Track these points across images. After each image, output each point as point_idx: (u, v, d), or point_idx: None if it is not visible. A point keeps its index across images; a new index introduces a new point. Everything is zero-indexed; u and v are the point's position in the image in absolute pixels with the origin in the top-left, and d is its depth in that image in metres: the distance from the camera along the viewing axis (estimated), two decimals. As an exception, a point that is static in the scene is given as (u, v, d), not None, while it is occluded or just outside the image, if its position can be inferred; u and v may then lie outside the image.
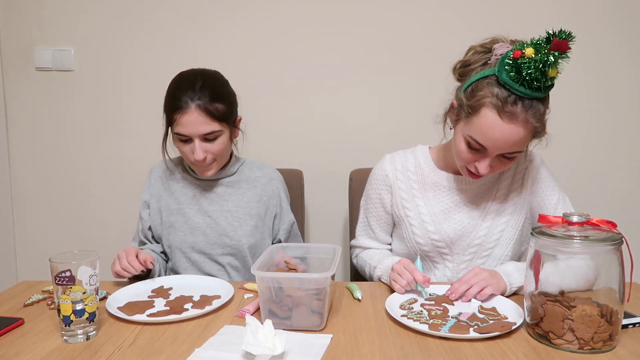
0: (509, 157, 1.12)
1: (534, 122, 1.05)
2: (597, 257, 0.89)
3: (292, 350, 0.85)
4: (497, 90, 1.04)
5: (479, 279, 1.07)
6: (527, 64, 0.99)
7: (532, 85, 1.01)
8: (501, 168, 1.16)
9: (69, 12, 1.86)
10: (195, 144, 1.25)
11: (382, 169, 1.34)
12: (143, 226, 1.41)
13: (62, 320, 0.89)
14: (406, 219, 1.29)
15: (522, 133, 1.05)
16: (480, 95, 1.07)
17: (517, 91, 1.02)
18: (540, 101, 1.05)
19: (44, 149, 1.95)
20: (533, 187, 1.26)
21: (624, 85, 1.86)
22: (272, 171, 1.47)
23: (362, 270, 1.38)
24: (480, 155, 1.12)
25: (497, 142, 1.07)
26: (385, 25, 1.84)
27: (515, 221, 1.25)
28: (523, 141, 1.08)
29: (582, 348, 0.85)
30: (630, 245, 0.90)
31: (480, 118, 1.07)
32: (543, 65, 0.98)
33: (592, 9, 1.81)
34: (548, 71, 0.99)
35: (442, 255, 1.28)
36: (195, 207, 1.37)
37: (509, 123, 1.04)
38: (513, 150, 1.09)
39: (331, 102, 1.89)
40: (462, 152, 1.14)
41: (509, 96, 1.03)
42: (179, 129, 1.24)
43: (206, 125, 1.24)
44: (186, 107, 1.22)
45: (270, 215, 1.43)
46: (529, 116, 1.04)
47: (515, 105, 1.03)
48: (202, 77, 1.27)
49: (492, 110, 1.05)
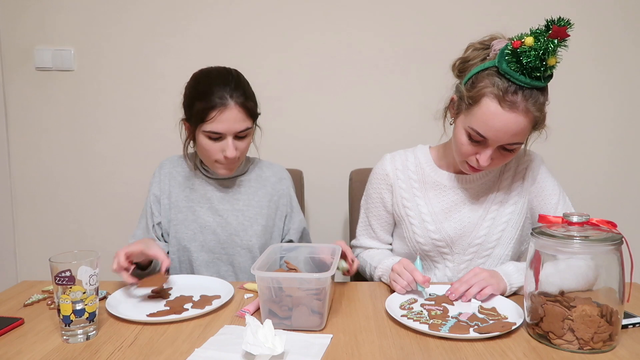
0: (509, 149, 1.12)
1: (534, 111, 1.06)
2: (597, 257, 0.89)
3: (292, 350, 0.85)
4: (498, 80, 1.06)
5: (479, 279, 1.07)
6: (527, 52, 1.00)
7: (532, 74, 1.03)
8: (502, 161, 1.15)
9: (69, 12, 1.86)
10: (228, 141, 1.25)
11: (382, 168, 1.34)
12: (154, 222, 1.38)
13: (62, 320, 0.89)
14: (407, 218, 1.29)
15: (523, 122, 1.06)
16: (481, 86, 1.08)
17: (518, 80, 1.03)
18: (540, 91, 1.06)
19: (44, 149, 1.95)
20: (533, 187, 1.26)
21: (624, 85, 1.86)
22: (282, 170, 1.47)
23: (362, 271, 1.38)
24: (481, 148, 1.12)
25: (499, 132, 1.07)
26: (384, 26, 1.84)
27: (515, 220, 1.25)
28: (524, 131, 1.08)
29: (582, 348, 0.85)
30: (630, 245, 0.90)
31: (481, 108, 1.08)
32: (543, 53, 1.00)
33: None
34: (548, 59, 1.01)
35: (442, 255, 1.28)
36: (206, 205, 1.36)
37: (509, 112, 1.05)
38: (514, 141, 1.09)
39: (331, 103, 1.89)
40: (462, 145, 1.14)
41: (509, 86, 1.05)
42: (214, 127, 1.22)
43: (242, 122, 1.25)
44: (226, 104, 1.22)
45: (280, 215, 1.42)
46: (530, 105, 1.05)
47: (515, 95, 1.04)
48: (233, 75, 1.28)
49: (492, 100, 1.06)
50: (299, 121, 1.90)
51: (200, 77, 1.29)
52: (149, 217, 1.39)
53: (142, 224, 1.40)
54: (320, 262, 1.16)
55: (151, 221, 1.38)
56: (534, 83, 1.03)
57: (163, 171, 1.41)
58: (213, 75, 1.27)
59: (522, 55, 1.01)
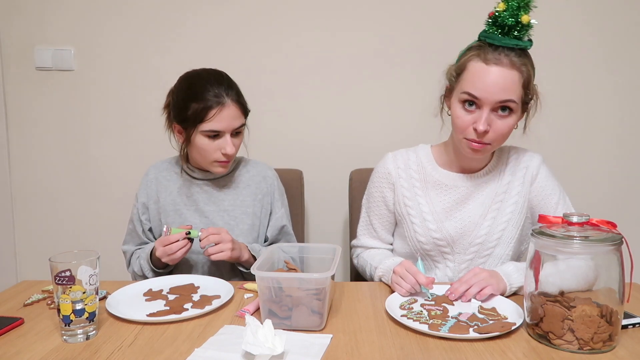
0: (503, 110, 1.14)
1: (519, 65, 1.11)
2: (597, 258, 0.89)
3: (292, 350, 0.85)
4: (480, 45, 1.14)
5: (479, 279, 1.07)
6: (501, 15, 1.10)
7: (511, 34, 1.10)
8: (500, 130, 1.15)
9: (69, 12, 1.86)
10: (226, 138, 1.28)
11: (384, 167, 1.34)
12: (143, 228, 1.40)
13: (62, 320, 0.89)
14: (408, 217, 1.29)
15: (510, 75, 1.11)
16: (466, 57, 1.16)
17: (498, 41, 1.11)
18: (520, 51, 1.12)
19: (44, 149, 1.95)
20: (533, 186, 1.26)
21: (625, 85, 1.86)
22: (266, 169, 1.47)
23: (362, 271, 1.38)
24: (476, 114, 1.15)
25: (489, 87, 1.11)
26: (384, 26, 1.84)
27: (516, 220, 1.25)
28: (514, 87, 1.12)
29: (582, 348, 0.85)
30: (630, 245, 0.90)
31: (468, 72, 1.14)
32: (516, 10, 1.09)
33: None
34: (520, 16, 1.09)
35: (443, 255, 1.28)
36: (192, 207, 1.37)
37: (495, 66, 1.11)
38: (505, 97, 1.12)
39: (331, 102, 1.89)
40: (458, 117, 1.17)
41: (490, 46, 1.12)
42: (213, 125, 1.25)
43: (239, 119, 1.29)
44: (224, 102, 1.25)
45: (265, 214, 1.43)
46: (514, 59, 1.11)
47: (498, 53, 1.11)
48: (223, 74, 1.32)
49: (477, 61, 1.13)
50: (299, 121, 1.90)
51: (193, 79, 1.30)
52: (137, 224, 1.40)
53: (132, 234, 1.42)
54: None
55: (140, 227, 1.40)
56: (513, 42, 1.10)
57: (149, 177, 1.42)
58: (205, 76, 1.30)
59: (498, 19, 1.10)
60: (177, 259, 1.22)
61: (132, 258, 1.38)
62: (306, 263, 1.19)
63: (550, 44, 1.79)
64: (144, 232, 1.40)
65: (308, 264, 1.19)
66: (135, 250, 1.39)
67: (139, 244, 1.41)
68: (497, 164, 1.29)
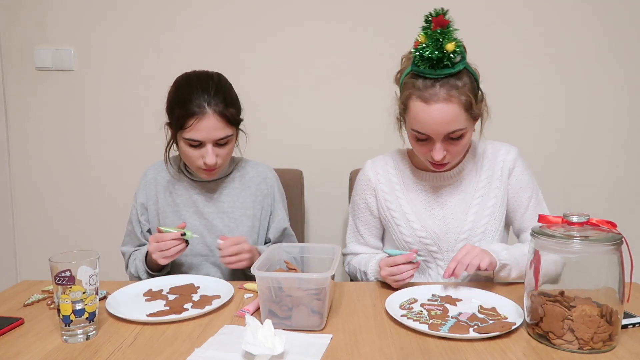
0: (455, 137, 1.15)
1: (457, 95, 1.11)
2: (597, 257, 0.89)
3: (292, 350, 0.86)
4: (415, 81, 1.14)
5: (472, 256, 1.09)
6: (425, 48, 1.10)
7: (440, 65, 1.10)
8: (456, 150, 1.18)
9: (69, 12, 1.86)
10: (207, 148, 1.24)
11: (364, 175, 1.37)
12: (142, 229, 1.39)
13: (62, 320, 0.89)
14: (392, 220, 1.31)
15: (451, 109, 1.11)
16: (405, 93, 1.16)
17: (429, 74, 1.11)
18: (455, 77, 1.12)
19: (44, 149, 1.95)
20: (510, 179, 1.30)
21: (624, 85, 1.86)
22: (266, 170, 1.46)
23: (354, 278, 1.38)
24: (430, 145, 1.17)
25: (433, 126, 1.13)
26: (384, 26, 1.84)
27: (498, 213, 1.28)
28: (457, 117, 1.13)
29: (582, 348, 0.85)
30: (630, 245, 0.90)
31: (411, 111, 1.16)
32: (437, 43, 1.08)
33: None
34: (445, 46, 1.08)
35: (432, 254, 1.29)
36: (192, 209, 1.37)
37: (434, 104, 1.11)
38: (453, 128, 1.13)
39: (331, 102, 1.88)
40: (415, 147, 1.21)
41: (425, 82, 1.12)
42: (192, 134, 1.22)
43: (221, 130, 1.23)
44: (204, 112, 1.20)
45: (265, 215, 1.42)
46: (451, 91, 1.11)
47: (433, 87, 1.11)
48: (213, 80, 1.26)
49: (416, 100, 1.14)
50: (299, 121, 1.90)
51: (181, 83, 1.28)
52: (135, 225, 1.39)
53: (130, 235, 1.41)
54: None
55: (139, 228, 1.39)
56: (444, 72, 1.10)
57: (148, 178, 1.41)
58: (193, 81, 1.26)
59: (423, 52, 1.10)
60: (169, 258, 1.19)
61: (129, 259, 1.38)
62: (306, 263, 1.19)
63: (550, 44, 1.80)
64: (142, 233, 1.40)
65: (308, 264, 1.19)
66: (133, 252, 1.38)
67: (137, 245, 1.40)
68: (473, 159, 1.32)
